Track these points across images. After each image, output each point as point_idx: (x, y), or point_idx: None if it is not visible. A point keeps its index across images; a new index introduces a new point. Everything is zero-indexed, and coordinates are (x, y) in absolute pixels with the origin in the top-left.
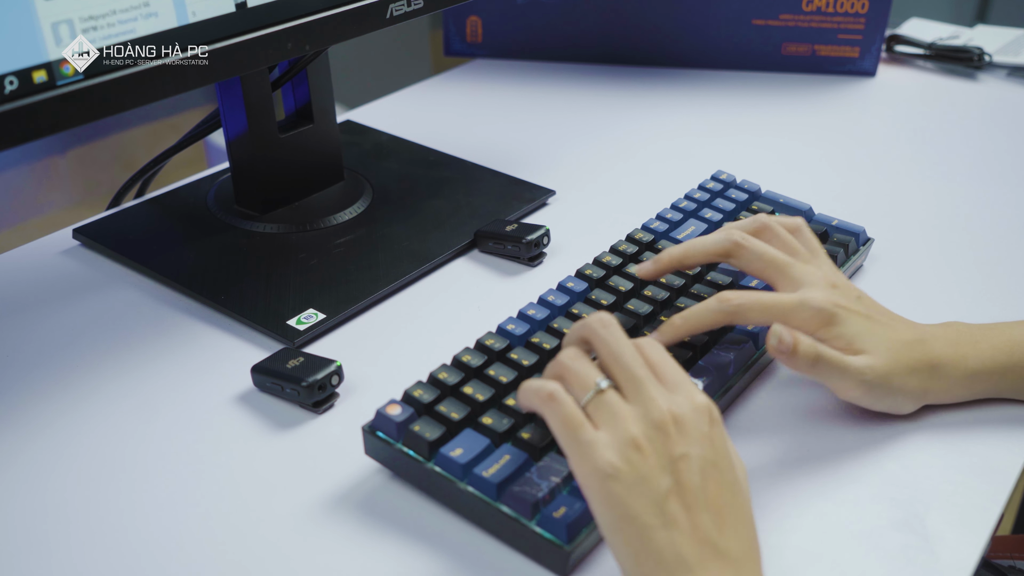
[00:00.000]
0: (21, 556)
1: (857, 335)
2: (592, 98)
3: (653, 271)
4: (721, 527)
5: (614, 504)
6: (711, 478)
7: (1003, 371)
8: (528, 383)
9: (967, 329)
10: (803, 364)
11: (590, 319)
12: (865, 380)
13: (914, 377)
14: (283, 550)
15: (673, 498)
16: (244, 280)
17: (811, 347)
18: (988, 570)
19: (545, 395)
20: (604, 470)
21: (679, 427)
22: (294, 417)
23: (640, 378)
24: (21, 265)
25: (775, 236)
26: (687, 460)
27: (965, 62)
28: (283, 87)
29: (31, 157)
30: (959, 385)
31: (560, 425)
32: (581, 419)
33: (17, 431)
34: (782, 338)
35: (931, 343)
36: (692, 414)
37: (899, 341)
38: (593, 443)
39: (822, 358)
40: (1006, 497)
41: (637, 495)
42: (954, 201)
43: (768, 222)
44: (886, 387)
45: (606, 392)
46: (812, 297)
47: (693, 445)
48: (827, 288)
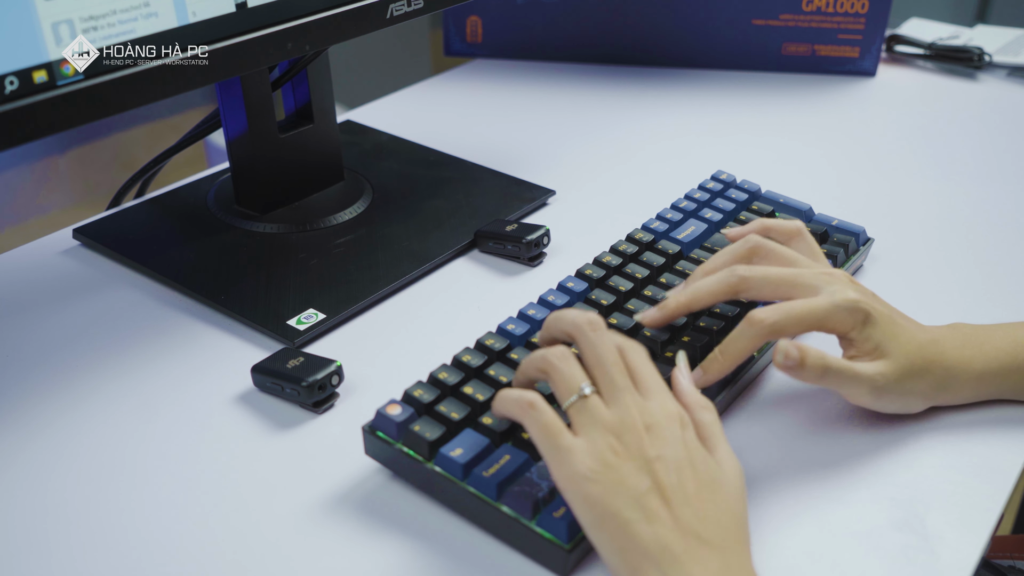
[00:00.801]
0: (21, 556)
1: (884, 338)
2: (592, 98)
3: (660, 319)
4: (702, 519)
5: (593, 504)
6: (688, 476)
7: (1007, 372)
8: (506, 392)
9: (972, 331)
10: (812, 376)
11: (579, 316)
12: (877, 386)
13: (925, 380)
14: (283, 550)
15: (652, 495)
16: (244, 280)
17: (819, 359)
18: (988, 570)
19: (525, 404)
20: (583, 473)
21: (651, 432)
22: (294, 417)
23: (619, 385)
24: (21, 265)
25: (770, 252)
26: (662, 461)
27: (965, 62)
28: (283, 87)
29: (31, 157)
30: (967, 387)
31: (540, 432)
32: (560, 427)
33: (17, 431)
34: (788, 353)
35: (942, 345)
36: (664, 420)
37: (915, 343)
38: (572, 449)
39: (831, 368)
40: (1006, 497)
41: (615, 494)
42: (954, 201)
43: (757, 242)
44: (897, 391)
45: (590, 398)
46: (843, 297)
47: (666, 448)
48: (852, 286)
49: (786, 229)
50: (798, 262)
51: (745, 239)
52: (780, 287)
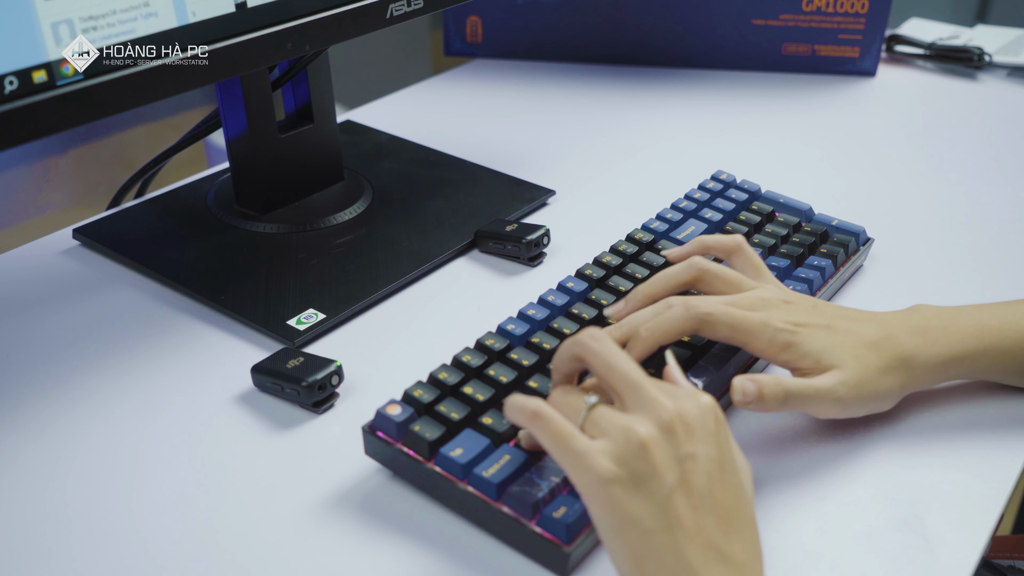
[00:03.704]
0: (21, 556)
1: (823, 351)
2: (592, 98)
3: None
4: (726, 531)
5: (615, 509)
6: (717, 480)
7: (974, 356)
8: (512, 399)
9: (935, 313)
10: (774, 405)
11: (579, 335)
12: (839, 397)
13: (887, 376)
14: (283, 550)
15: (678, 497)
16: (244, 280)
17: (776, 387)
18: (988, 570)
19: (529, 413)
20: (604, 476)
21: (686, 426)
22: (294, 417)
23: (640, 382)
24: (21, 265)
25: (713, 277)
26: (694, 460)
27: (965, 62)
28: (283, 87)
29: (31, 157)
30: (932, 372)
31: (550, 439)
32: (570, 430)
33: (17, 431)
34: (746, 390)
35: (898, 336)
36: (698, 412)
37: (865, 345)
38: (588, 452)
39: (791, 394)
40: (1006, 497)
41: (640, 498)
42: (954, 201)
43: (698, 264)
44: (862, 396)
45: (596, 407)
46: (772, 318)
47: (699, 444)
48: (783, 307)
49: (725, 245)
50: (740, 283)
51: (687, 263)
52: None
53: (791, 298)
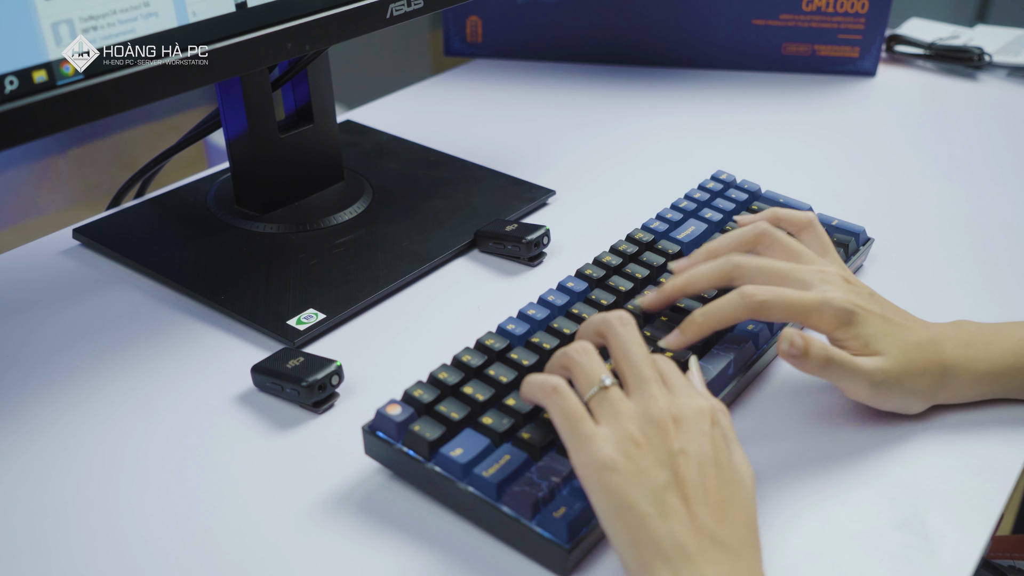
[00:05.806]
0: (21, 556)
1: (874, 336)
2: (592, 98)
3: (658, 301)
4: (719, 520)
5: (612, 493)
6: (709, 474)
7: (1012, 372)
8: (532, 376)
9: (977, 329)
10: (814, 367)
11: (609, 314)
12: (876, 382)
13: (925, 379)
14: (283, 550)
15: (671, 490)
16: (244, 280)
17: (822, 350)
18: (988, 570)
19: (549, 388)
20: (602, 461)
21: (677, 425)
22: (294, 417)
23: (646, 377)
24: (21, 265)
25: (774, 242)
26: (685, 456)
27: (965, 62)
28: (283, 87)
29: (31, 157)
30: (969, 387)
31: (562, 417)
32: (582, 413)
33: (17, 431)
34: (793, 342)
35: (943, 344)
36: (692, 414)
37: (912, 342)
38: (592, 436)
39: (833, 361)
40: (1006, 497)
41: (635, 485)
42: (954, 201)
43: (765, 229)
44: (896, 388)
45: (610, 389)
46: (832, 296)
47: (691, 442)
48: (844, 286)
49: (797, 220)
50: (802, 255)
51: (753, 225)
52: (772, 278)
53: (852, 279)
